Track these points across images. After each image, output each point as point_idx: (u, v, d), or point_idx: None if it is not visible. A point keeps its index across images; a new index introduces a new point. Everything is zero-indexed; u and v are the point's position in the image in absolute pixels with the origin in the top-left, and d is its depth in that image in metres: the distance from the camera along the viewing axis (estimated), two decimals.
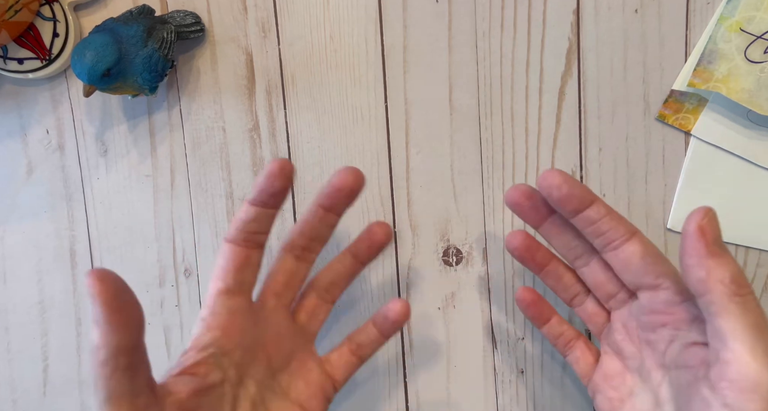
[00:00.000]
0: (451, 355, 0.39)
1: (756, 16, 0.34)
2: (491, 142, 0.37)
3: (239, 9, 0.38)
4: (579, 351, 0.33)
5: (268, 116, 0.39)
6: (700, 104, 0.35)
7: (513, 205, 0.31)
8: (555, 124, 0.37)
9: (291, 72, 0.38)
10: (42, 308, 0.42)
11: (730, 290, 0.24)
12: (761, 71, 0.33)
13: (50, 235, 0.41)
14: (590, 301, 0.33)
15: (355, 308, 0.39)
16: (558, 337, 0.34)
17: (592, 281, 0.31)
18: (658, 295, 0.28)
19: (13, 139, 0.41)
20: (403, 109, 0.38)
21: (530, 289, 0.34)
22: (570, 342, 0.34)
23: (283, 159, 0.28)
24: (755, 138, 0.35)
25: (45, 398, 0.42)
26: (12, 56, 0.38)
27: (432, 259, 0.39)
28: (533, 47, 0.36)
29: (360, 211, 0.39)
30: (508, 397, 0.39)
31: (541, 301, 0.34)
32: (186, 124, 0.39)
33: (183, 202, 0.40)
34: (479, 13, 0.36)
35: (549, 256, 0.33)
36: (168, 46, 0.35)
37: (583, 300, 0.33)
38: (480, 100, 0.37)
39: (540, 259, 0.33)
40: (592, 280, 0.31)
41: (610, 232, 0.28)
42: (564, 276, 0.33)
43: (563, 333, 0.34)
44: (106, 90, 0.35)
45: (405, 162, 0.38)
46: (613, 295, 0.31)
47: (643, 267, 0.28)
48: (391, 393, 0.40)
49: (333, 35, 0.38)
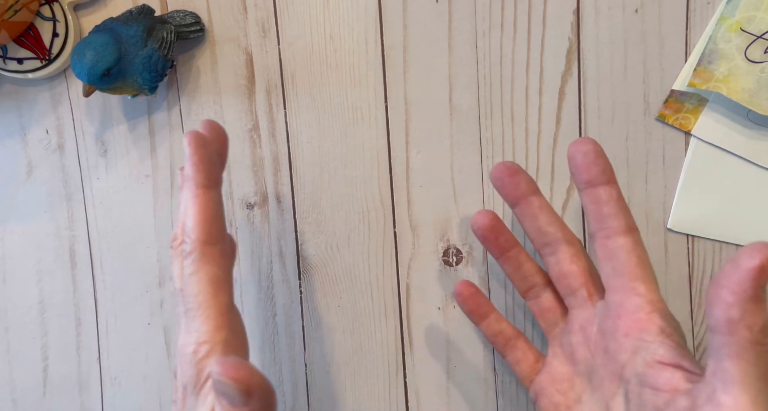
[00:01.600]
0: (451, 355, 0.39)
1: (756, 16, 0.34)
2: (491, 142, 0.37)
3: (239, 9, 0.38)
4: (520, 351, 0.32)
5: (268, 116, 0.39)
6: (701, 104, 0.35)
7: (495, 179, 0.30)
8: (555, 124, 0.37)
9: (291, 72, 0.38)
10: (42, 308, 0.42)
11: (755, 339, 0.22)
12: (761, 71, 0.33)
13: (50, 235, 0.41)
14: (547, 295, 0.32)
15: (356, 308, 0.39)
16: (497, 335, 0.33)
17: (556, 272, 0.30)
18: (629, 299, 0.27)
19: (12, 139, 0.41)
20: (403, 109, 0.38)
21: (468, 283, 0.33)
22: (510, 341, 0.32)
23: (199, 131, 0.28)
24: (755, 138, 0.35)
25: (45, 398, 0.42)
26: (12, 56, 0.38)
27: (432, 259, 0.39)
28: (533, 47, 0.36)
29: (360, 211, 0.39)
30: (508, 397, 0.39)
31: (479, 295, 0.33)
32: (186, 124, 0.39)
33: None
34: (479, 13, 0.36)
35: (512, 242, 0.32)
36: (168, 46, 0.35)
37: (539, 293, 0.32)
38: (480, 100, 0.37)
39: (503, 243, 0.31)
40: (558, 271, 0.30)
41: (611, 219, 0.27)
42: (524, 264, 0.32)
43: (502, 331, 0.33)
44: (106, 90, 0.35)
45: (405, 162, 0.38)
46: (575, 290, 0.30)
47: (626, 265, 0.27)
48: (391, 393, 0.40)
49: (333, 35, 0.38)
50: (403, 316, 0.39)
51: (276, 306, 0.40)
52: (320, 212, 0.39)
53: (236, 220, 0.40)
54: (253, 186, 0.39)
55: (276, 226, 0.39)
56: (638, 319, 0.26)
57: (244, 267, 0.40)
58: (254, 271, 0.40)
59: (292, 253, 0.39)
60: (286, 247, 0.39)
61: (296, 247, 0.39)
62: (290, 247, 0.39)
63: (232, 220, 0.40)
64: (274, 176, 0.39)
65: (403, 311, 0.39)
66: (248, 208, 0.39)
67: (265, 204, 0.39)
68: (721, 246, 0.36)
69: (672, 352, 0.26)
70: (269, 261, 0.40)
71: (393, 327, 0.39)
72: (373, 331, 0.39)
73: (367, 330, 0.39)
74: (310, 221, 0.39)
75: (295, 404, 0.40)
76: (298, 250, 0.39)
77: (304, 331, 0.40)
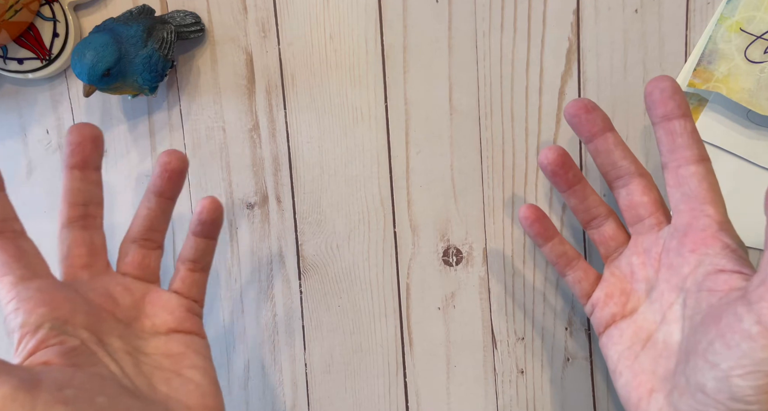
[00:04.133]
0: (451, 355, 0.39)
1: (756, 16, 0.34)
2: (491, 142, 0.37)
3: (239, 9, 0.38)
4: (581, 271, 0.33)
5: (268, 116, 0.39)
6: (700, 104, 0.35)
7: (572, 116, 0.31)
8: (555, 124, 0.37)
9: (291, 72, 0.38)
10: None
11: None
12: (761, 71, 0.33)
13: (50, 235, 0.41)
14: (609, 224, 0.33)
15: (356, 308, 0.39)
16: (560, 256, 0.34)
17: (627, 202, 0.31)
18: (698, 220, 0.28)
19: (13, 139, 0.41)
20: (403, 109, 0.38)
21: (535, 206, 0.33)
22: (572, 262, 0.33)
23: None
24: (755, 138, 0.35)
25: None
26: (12, 56, 0.38)
27: (432, 259, 0.39)
28: (533, 47, 0.36)
29: (360, 211, 0.39)
30: (508, 397, 0.39)
31: (546, 218, 0.33)
32: (186, 124, 0.39)
33: (183, 202, 0.40)
34: (479, 13, 0.36)
35: (580, 176, 0.33)
36: (168, 46, 0.35)
37: (602, 223, 0.33)
38: (480, 100, 0.37)
39: (571, 177, 0.32)
40: (628, 201, 0.31)
41: (685, 149, 0.29)
42: (590, 196, 0.33)
43: (565, 252, 0.34)
44: (106, 90, 0.35)
45: (405, 162, 0.38)
46: (643, 218, 0.31)
47: (698, 190, 0.28)
48: (391, 393, 0.40)
49: (333, 35, 0.38)
50: (403, 316, 0.39)
51: (276, 306, 0.40)
52: (320, 212, 0.39)
53: (236, 220, 0.40)
54: (253, 186, 0.39)
55: (276, 226, 0.39)
56: (704, 236, 0.28)
57: (244, 267, 0.40)
58: (254, 271, 0.40)
59: (292, 253, 0.39)
60: (286, 247, 0.39)
61: (296, 247, 0.39)
62: (290, 247, 0.39)
63: (232, 220, 0.40)
64: (274, 176, 0.39)
65: (403, 311, 0.39)
66: (248, 208, 0.39)
67: (265, 204, 0.39)
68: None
69: (733, 262, 0.27)
70: (269, 261, 0.40)
71: (393, 327, 0.39)
72: (373, 331, 0.39)
73: (367, 330, 0.39)
74: (310, 221, 0.39)
75: (295, 404, 0.40)
76: (298, 250, 0.39)
77: (304, 331, 0.40)
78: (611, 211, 0.33)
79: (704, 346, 0.25)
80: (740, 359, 0.24)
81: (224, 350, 0.41)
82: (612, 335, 0.31)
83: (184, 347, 0.31)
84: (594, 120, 0.31)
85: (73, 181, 0.31)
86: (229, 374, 0.41)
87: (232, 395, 0.41)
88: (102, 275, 0.31)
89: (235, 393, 0.41)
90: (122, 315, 0.30)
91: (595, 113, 0.31)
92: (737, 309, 0.25)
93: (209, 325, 0.41)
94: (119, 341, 0.29)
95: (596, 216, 0.33)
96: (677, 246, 0.29)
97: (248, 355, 0.40)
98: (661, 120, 0.29)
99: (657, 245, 0.30)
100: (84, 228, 0.31)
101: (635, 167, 0.31)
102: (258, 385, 0.41)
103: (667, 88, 0.29)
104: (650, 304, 0.30)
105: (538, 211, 0.33)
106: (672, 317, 0.29)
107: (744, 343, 0.24)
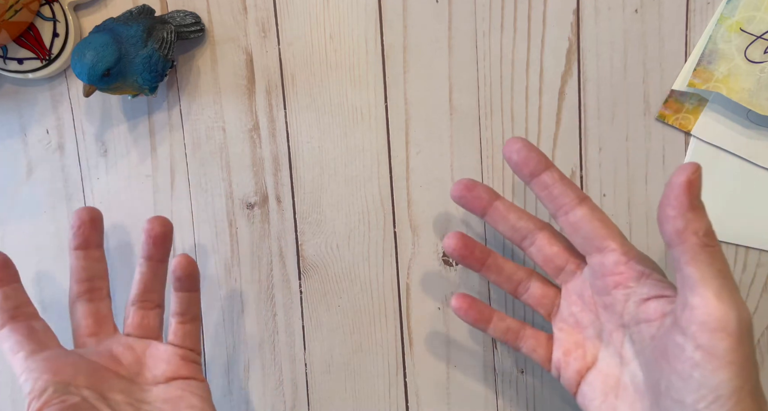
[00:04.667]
0: (451, 355, 0.39)
1: (756, 16, 0.34)
2: (491, 142, 0.37)
3: (239, 9, 0.38)
4: (531, 339, 0.33)
5: (268, 116, 0.39)
6: (700, 104, 0.35)
7: (458, 199, 0.32)
8: (555, 124, 0.37)
9: (291, 72, 0.38)
10: (42, 308, 0.42)
11: (702, 241, 0.25)
12: (761, 71, 0.33)
13: (50, 235, 0.41)
14: (535, 284, 0.33)
15: (356, 308, 0.39)
16: (505, 332, 0.34)
17: (541, 258, 0.32)
18: (606, 257, 0.29)
19: (13, 139, 0.41)
20: (403, 109, 0.38)
21: (463, 295, 0.34)
22: (518, 333, 0.33)
23: None
24: (755, 138, 0.35)
25: None
26: (12, 56, 0.38)
27: (432, 259, 0.39)
28: (533, 47, 0.36)
29: (360, 211, 0.39)
30: (508, 397, 0.39)
31: (477, 302, 0.34)
32: (186, 124, 0.39)
33: (183, 202, 0.40)
34: (479, 13, 0.36)
35: (486, 251, 0.33)
36: (168, 46, 0.35)
37: (528, 285, 0.33)
38: (480, 100, 0.37)
39: (479, 254, 0.33)
40: (542, 257, 0.32)
41: (562, 197, 0.30)
42: (504, 266, 0.33)
43: (509, 327, 0.33)
44: (106, 90, 0.35)
45: (405, 162, 0.38)
46: (562, 267, 0.32)
47: (592, 230, 0.29)
48: (391, 393, 0.40)
49: (333, 35, 0.38)
50: (403, 316, 0.39)
51: (276, 306, 0.40)
52: (320, 212, 0.39)
53: (236, 220, 0.40)
54: (253, 186, 0.39)
55: (276, 226, 0.39)
56: (620, 271, 0.29)
57: (244, 267, 0.40)
58: (254, 271, 0.40)
59: (292, 253, 0.39)
60: (286, 247, 0.39)
61: (296, 247, 0.39)
62: (290, 247, 0.39)
63: (232, 220, 0.40)
64: (274, 176, 0.39)
65: (403, 311, 0.39)
66: (248, 208, 0.39)
67: (265, 204, 0.39)
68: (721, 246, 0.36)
69: (653, 287, 0.28)
70: (269, 261, 0.40)
71: (393, 327, 0.39)
72: (373, 331, 0.39)
73: (367, 330, 0.39)
74: (310, 221, 0.39)
75: (295, 404, 0.41)
76: (298, 250, 0.39)
77: (304, 331, 0.40)
78: (531, 272, 0.33)
79: (665, 384, 0.26)
80: (699, 390, 0.24)
81: (224, 350, 0.41)
82: (585, 393, 0.31)
83: (182, 391, 0.34)
84: (478, 196, 0.32)
85: (78, 260, 0.35)
86: (229, 374, 0.41)
87: (232, 395, 0.41)
88: (108, 339, 0.35)
89: (235, 393, 0.41)
90: (125, 371, 0.34)
91: (476, 190, 0.32)
92: (676, 338, 0.25)
93: (209, 324, 0.41)
94: (121, 395, 0.32)
95: (519, 281, 0.33)
96: (602, 286, 0.30)
97: (248, 355, 0.40)
98: (530, 178, 0.30)
99: (585, 288, 0.31)
100: (90, 300, 0.35)
101: (533, 223, 0.32)
102: (258, 385, 0.41)
103: (521, 148, 0.30)
104: (606, 348, 0.31)
105: (468, 297, 0.34)
106: (628, 356, 0.29)
107: (695, 372, 0.24)
